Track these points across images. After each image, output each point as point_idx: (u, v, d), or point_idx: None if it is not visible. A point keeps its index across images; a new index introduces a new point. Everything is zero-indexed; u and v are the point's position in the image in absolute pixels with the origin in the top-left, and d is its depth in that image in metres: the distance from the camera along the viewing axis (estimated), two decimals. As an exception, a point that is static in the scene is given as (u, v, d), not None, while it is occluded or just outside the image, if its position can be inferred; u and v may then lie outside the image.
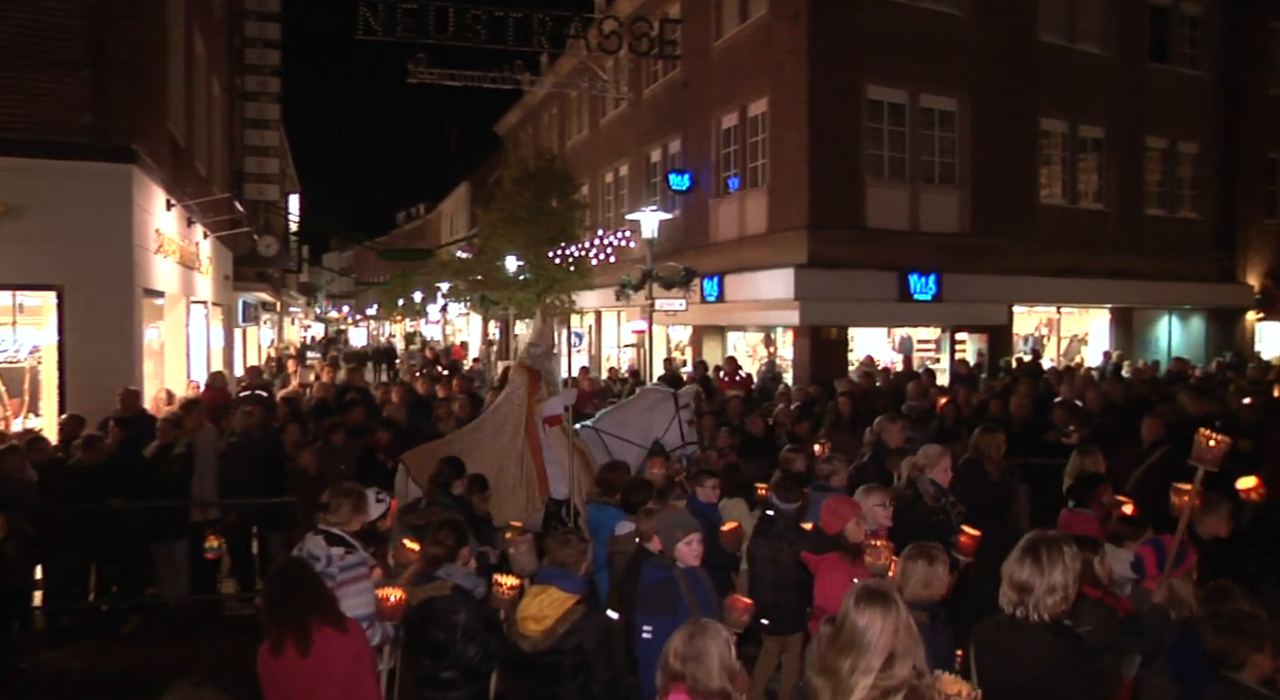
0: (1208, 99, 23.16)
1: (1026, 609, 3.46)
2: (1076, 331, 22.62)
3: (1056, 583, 3.44)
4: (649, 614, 4.63)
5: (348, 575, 4.79)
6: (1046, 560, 3.48)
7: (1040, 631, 3.42)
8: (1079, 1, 20.98)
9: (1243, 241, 23.81)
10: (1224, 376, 15.63)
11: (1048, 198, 20.63)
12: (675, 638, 3.22)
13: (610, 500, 6.55)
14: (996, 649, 3.54)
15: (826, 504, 5.44)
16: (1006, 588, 3.55)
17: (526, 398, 8.05)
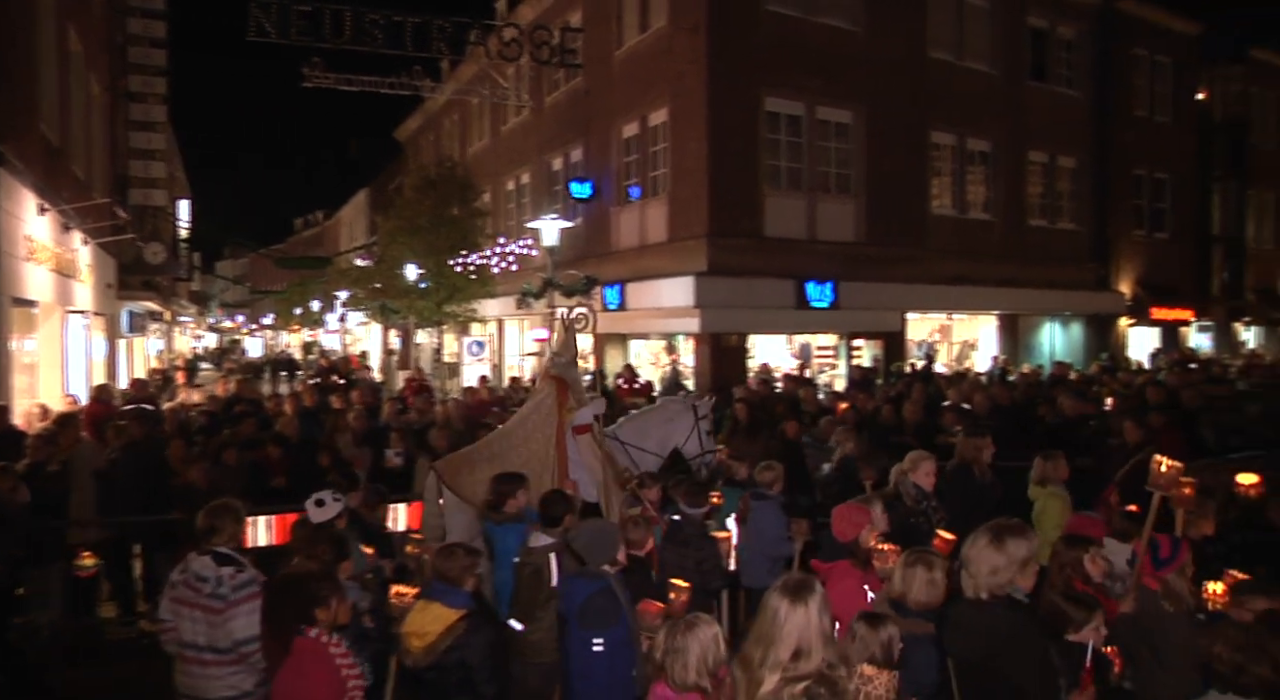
0: (1083, 117, 24.35)
1: (976, 586, 3.78)
2: (967, 337, 23.43)
3: (999, 564, 3.76)
4: (596, 627, 4.56)
5: (240, 595, 4.61)
6: (996, 544, 3.81)
7: (992, 607, 3.72)
8: (966, 22, 21.81)
9: (1115, 252, 25.12)
10: (1101, 379, 16.45)
11: (939, 208, 21.35)
12: (662, 633, 3.41)
13: (505, 517, 6.23)
14: (959, 627, 3.82)
15: (839, 511, 5.37)
16: (964, 569, 3.86)
17: (556, 408, 7.81)
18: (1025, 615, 3.81)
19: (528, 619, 5.51)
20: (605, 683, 4.52)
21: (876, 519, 5.40)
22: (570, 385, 8.02)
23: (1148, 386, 12.16)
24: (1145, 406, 11.31)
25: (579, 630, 4.61)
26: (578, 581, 4.82)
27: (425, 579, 5.11)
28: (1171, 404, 11.52)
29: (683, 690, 3.27)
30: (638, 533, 5.41)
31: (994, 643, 3.66)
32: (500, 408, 12.87)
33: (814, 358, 20.04)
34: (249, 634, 4.49)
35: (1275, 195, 31.09)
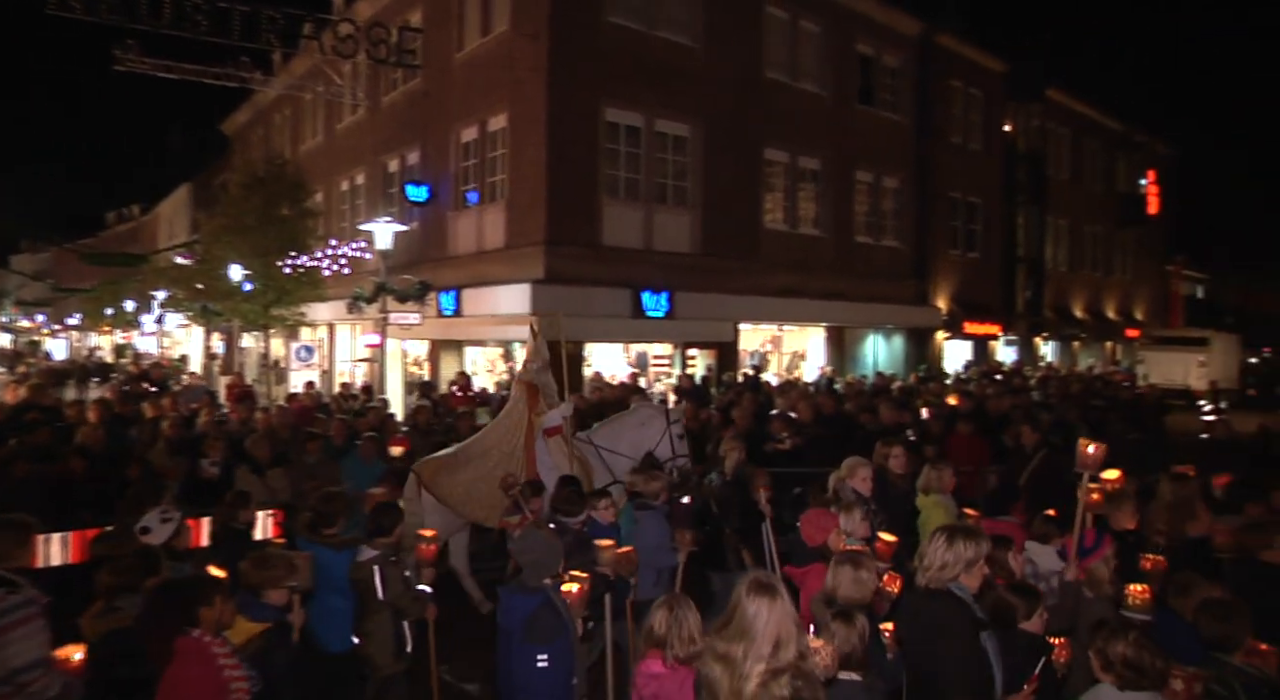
0: (906, 141, 25.79)
1: (925, 579, 4.21)
2: (797, 348, 24.33)
3: (948, 560, 4.16)
4: (541, 642, 4.57)
5: (11, 619, 4.22)
6: (946, 543, 4.21)
7: (937, 597, 4.14)
8: (800, 44, 22.72)
9: (933, 269, 26.71)
10: (919, 389, 17.44)
11: (771, 222, 22.09)
12: (658, 611, 3.87)
13: (319, 537, 5.86)
14: (908, 613, 4.34)
15: (807, 517, 5.63)
16: (917, 563, 4.31)
17: (527, 412, 8.37)
18: (960, 608, 4.13)
19: (359, 633, 5.45)
20: (548, 693, 4.60)
21: (855, 525, 5.71)
22: (541, 390, 8.55)
23: (957, 395, 12.94)
24: (955, 414, 12.08)
25: (523, 645, 4.59)
26: (515, 597, 4.80)
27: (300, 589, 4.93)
28: (979, 412, 12.33)
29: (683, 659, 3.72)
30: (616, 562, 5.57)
31: (930, 630, 4.08)
32: (326, 415, 12.42)
33: (650, 366, 20.33)
34: (26, 660, 4.12)
35: (1068, 222, 33.90)
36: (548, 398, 8.59)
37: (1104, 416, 14.50)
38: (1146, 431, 15.02)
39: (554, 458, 8.20)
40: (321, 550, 5.74)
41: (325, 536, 5.80)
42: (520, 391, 8.61)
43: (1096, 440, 5.94)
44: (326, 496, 6.10)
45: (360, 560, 5.59)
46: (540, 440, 8.28)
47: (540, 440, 8.28)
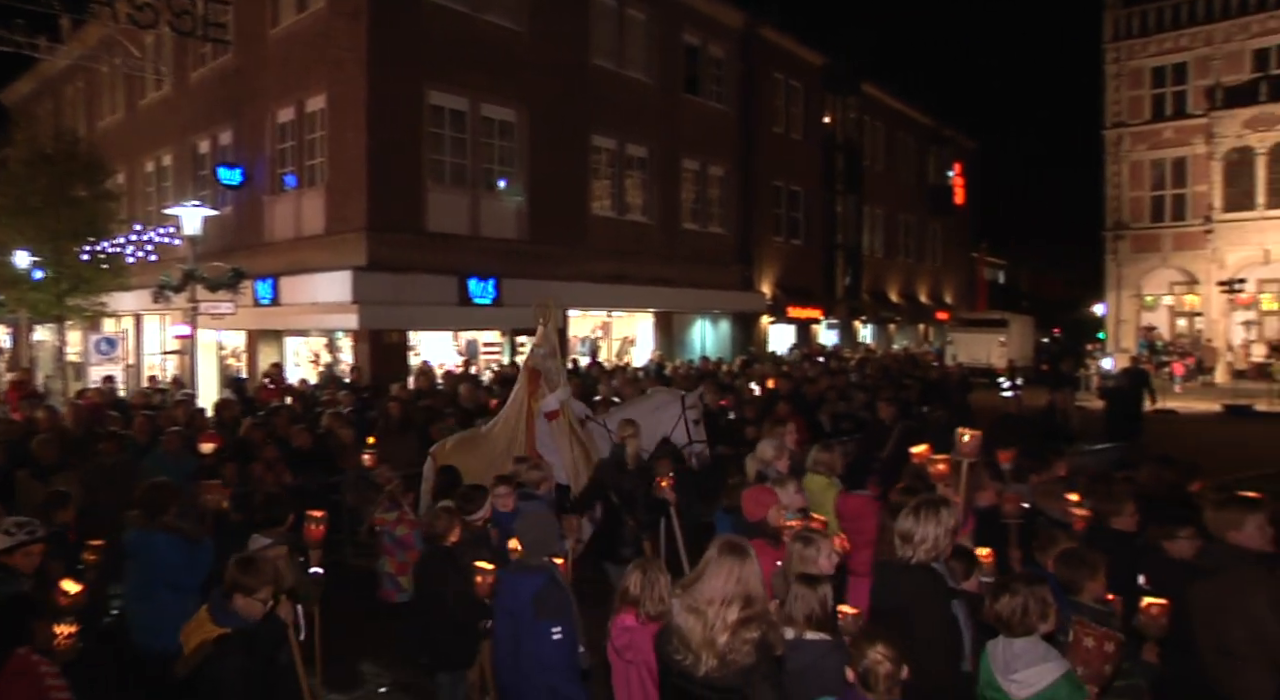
0: (731, 130, 26.47)
1: (909, 553, 4.36)
2: (627, 334, 24.61)
3: (928, 534, 4.35)
4: (554, 616, 4.71)
5: None
6: (925, 517, 4.40)
7: (915, 570, 4.35)
8: (627, 33, 22.90)
9: (758, 255, 27.56)
10: (744, 371, 18.00)
11: (599, 209, 22.22)
12: (632, 573, 4.33)
13: (155, 525, 5.73)
14: (885, 582, 4.53)
15: (748, 494, 5.75)
16: (895, 537, 4.46)
17: (526, 397, 8.63)
18: (936, 579, 4.38)
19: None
20: (565, 665, 4.75)
21: (791, 498, 5.79)
22: (545, 375, 8.78)
23: (774, 377, 13.43)
24: (775, 396, 12.55)
25: (536, 622, 4.70)
26: (521, 576, 4.91)
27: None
28: (796, 393, 12.83)
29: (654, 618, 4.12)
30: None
31: (912, 599, 4.28)
32: (122, 412, 11.64)
33: (481, 354, 20.10)
34: None
35: (884, 211, 35.73)
36: (550, 383, 8.77)
37: (912, 395, 15.38)
38: (952, 407, 16.08)
39: (555, 440, 8.50)
40: (163, 539, 5.62)
41: (169, 525, 5.70)
42: (523, 376, 8.91)
43: (903, 417, 6.30)
44: (152, 486, 5.97)
45: (253, 548, 5.46)
46: (541, 423, 8.59)
47: (541, 423, 8.59)
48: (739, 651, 3.62)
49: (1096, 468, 8.16)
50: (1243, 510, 4.67)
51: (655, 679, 4.14)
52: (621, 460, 7.95)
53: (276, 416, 11.11)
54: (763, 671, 3.66)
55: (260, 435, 10.01)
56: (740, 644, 3.61)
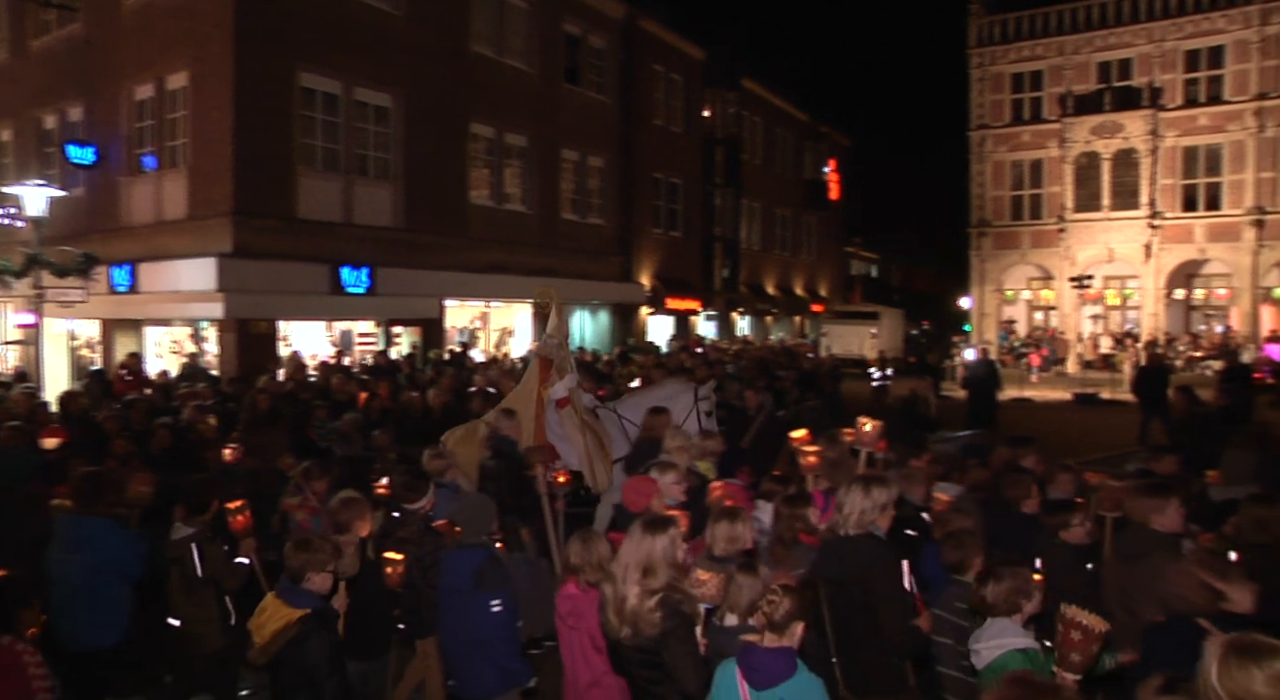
0: (611, 121, 26.51)
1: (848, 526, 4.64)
2: (505, 325, 24.39)
3: (867, 506, 4.65)
4: (493, 589, 4.95)
5: None
6: (863, 491, 4.67)
7: (857, 540, 4.62)
8: (507, 20, 22.64)
9: (637, 247, 27.75)
10: (623, 363, 18.11)
11: (477, 198, 21.94)
12: (573, 544, 4.64)
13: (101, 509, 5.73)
14: (832, 554, 4.72)
15: (629, 485, 5.96)
16: (836, 511, 4.75)
17: (537, 384, 8.77)
18: (885, 547, 4.68)
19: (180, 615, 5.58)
20: (505, 637, 5.00)
21: (667, 487, 5.88)
22: (556, 363, 8.96)
23: (651, 370, 13.56)
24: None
25: (475, 595, 4.92)
26: (460, 553, 5.13)
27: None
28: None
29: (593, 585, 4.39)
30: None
31: (862, 566, 4.53)
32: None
33: (356, 345, 19.60)
34: None
35: (761, 204, 36.44)
36: (560, 371, 8.95)
37: (786, 385, 15.80)
38: (824, 396, 16.62)
39: (565, 428, 8.61)
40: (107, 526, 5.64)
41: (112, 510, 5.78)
42: (534, 363, 9.07)
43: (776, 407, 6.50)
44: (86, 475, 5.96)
45: (175, 539, 5.60)
46: (551, 411, 8.70)
47: (551, 411, 8.70)
48: (646, 616, 3.93)
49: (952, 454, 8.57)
50: (1164, 496, 4.98)
51: (596, 645, 4.47)
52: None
53: (133, 409, 10.58)
54: (676, 635, 3.95)
55: (115, 427, 9.52)
56: (647, 610, 3.93)
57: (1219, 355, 27.93)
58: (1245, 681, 2.41)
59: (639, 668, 4.16)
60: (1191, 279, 33.85)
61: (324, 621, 4.43)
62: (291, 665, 4.29)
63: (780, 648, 3.61)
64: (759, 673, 3.56)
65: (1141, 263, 32.56)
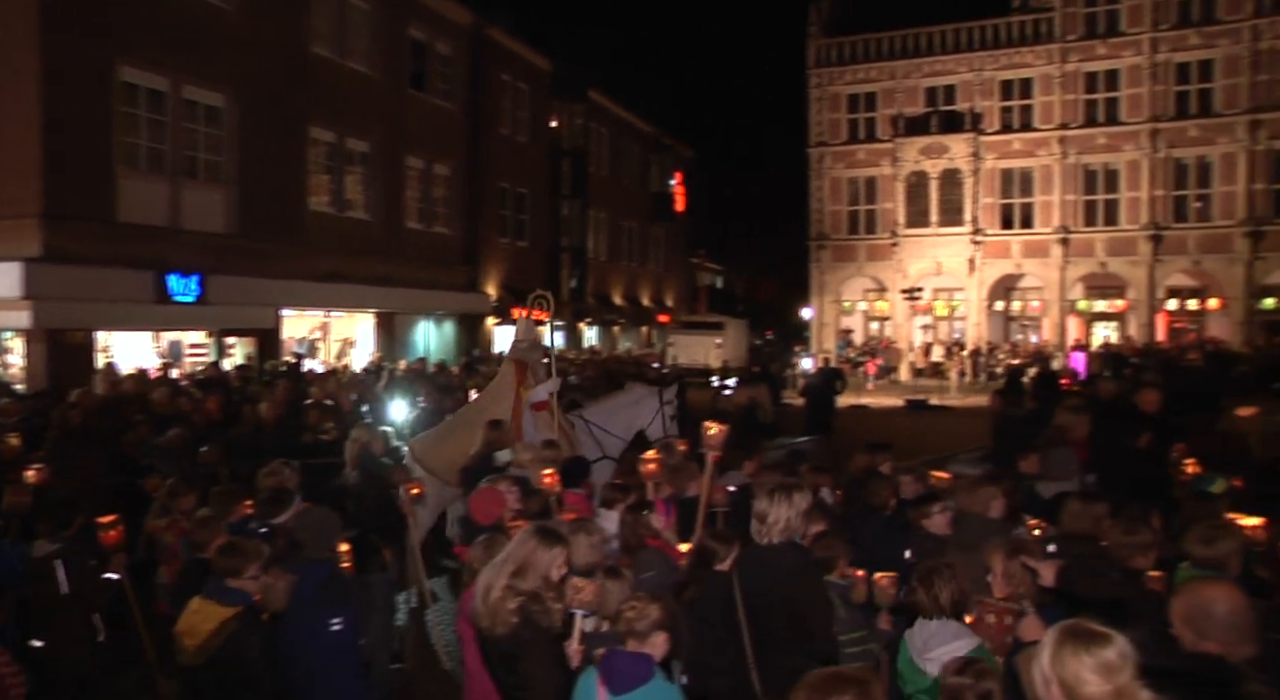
0: (457, 129, 26.18)
1: (764, 534, 4.61)
2: (346, 335, 23.66)
3: (780, 515, 4.60)
4: (335, 606, 4.73)
5: None
6: (777, 500, 4.62)
7: (781, 548, 4.59)
8: (349, 22, 22.02)
9: (483, 256, 27.49)
10: (468, 374, 17.86)
11: (317, 204, 21.22)
12: (476, 548, 4.65)
13: None
14: (752, 563, 4.66)
15: (476, 497, 5.76)
16: (754, 520, 4.69)
17: (515, 386, 8.80)
18: (806, 555, 4.76)
19: (43, 635, 5.39)
20: (345, 657, 4.80)
21: (512, 499, 5.80)
22: (530, 367, 9.04)
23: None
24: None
25: (316, 610, 4.69)
26: (304, 569, 4.85)
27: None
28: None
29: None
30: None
31: (786, 574, 4.53)
32: None
33: (185, 356, 18.55)
34: None
35: (608, 215, 36.73)
36: (535, 375, 9.01)
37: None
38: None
39: (541, 432, 8.53)
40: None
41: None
42: (509, 367, 9.11)
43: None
44: None
45: (37, 555, 5.45)
46: (528, 414, 8.70)
47: (528, 414, 8.70)
48: (504, 613, 3.95)
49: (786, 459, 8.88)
50: (994, 490, 5.46)
51: None
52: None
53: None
54: (532, 645, 3.98)
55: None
56: (506, 609, 3.95)
57: (1034, 363, 29.99)
58: (1075, 667, 2.51)
59: (501, 670, 4.18)
60: (1010, 292, 36.34)
61: (258, 618, 4.51)
62: (229, 662, 4.29)
63: (639, 654, 3.67)
64: (616, 678, 3.61)
65: (966, 276, 34.70)
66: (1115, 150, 33.07)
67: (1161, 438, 7.69)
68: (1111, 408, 9.33)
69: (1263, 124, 31.02)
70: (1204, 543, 4.06)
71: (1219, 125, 31.76)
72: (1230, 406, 10.04)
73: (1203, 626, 3.01)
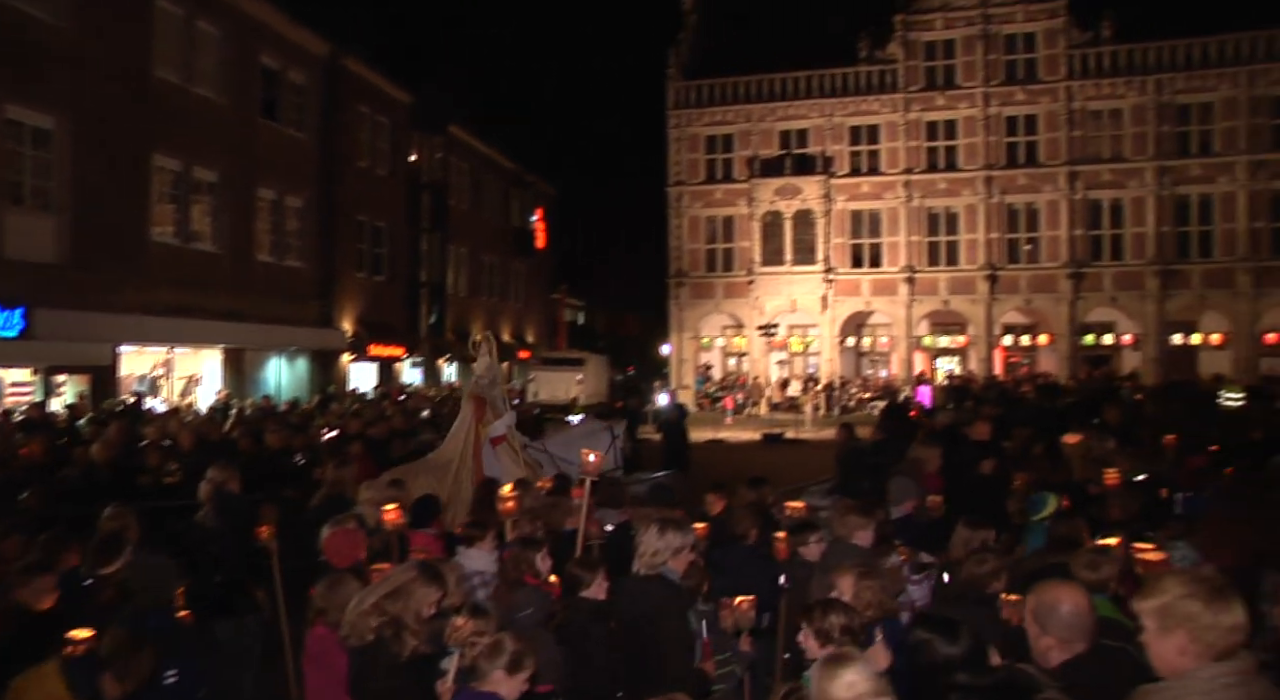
0: (311, 160, 25.50)
1: (640, 565, 4.94)
2: (192, 372, 22.49)
3: (659, 548, 4.93)
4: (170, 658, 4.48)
5: None
6: (658, 533, 4.95)
7: (648, 580, 4.91)
8: (196, 47, 21.18)
9: (339, 291, 26.73)
10: (319, 411, 17.26)
11: (160, 235, 20.20)
12: (320, 587, 4.70)
13: None
14: (626, 593, 4.94)
15: (331, 539, 5.70)
16: (638, 553, 4.99)
17: (474, 423, 9.12)
18: (673, 589, 4.91)
19: None
20: None
21: (360, 540, 5.83)
22: (489, 403, 9.40)
23: (349, 419, 13.07)
24: (345, 437, 12.16)
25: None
26: (133, 619, 4.65)
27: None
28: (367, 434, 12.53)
29: (337, 626, 4.33)
30: None
31: (651, 606, 4.78)
32: None
33: (6, 396, 17.21)
34: None
35: (469, 250, 36.41)
36: (494, 410, 9.36)
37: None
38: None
39: (502, 463, 8.97)
40: None
41: None
42: (468, 404, 9.36)
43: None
44: None
45: None
46: (487, 448, 9.07)
47: (487, 448, 9.07)
48: (363, 626, 4.10)
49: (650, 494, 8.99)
50: (864, 517, 5.74)
51: (340, 684, 4.41)
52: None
53: None
54: (381, 660, 4.07)
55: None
56: (367, 625, 4.09)
57: (883, 396, 31.29)
58: (829, 687, 2.94)
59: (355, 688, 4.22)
60: (860, 328, 37.89)
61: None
62: None
63: (483, 693, 3.65)
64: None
65: (819, 313, 36.01)
66: (954, 195, 35.16)
67: (1001, 464, 8.15)
68: (951, 438, 9.84)
69: (1080, 175, 33.68)
70: (1089, 568, 4.44)
71: (1043, 175, 34.27)
72: (1058, 434, 10.71)
73: (1046, 622, 3.36)
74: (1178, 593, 2.67)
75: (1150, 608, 2.73)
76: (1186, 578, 2.78)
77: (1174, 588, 2.70)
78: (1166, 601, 2.68)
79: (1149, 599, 2.75)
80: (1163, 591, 2.72)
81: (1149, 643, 2.73)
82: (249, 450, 10.49)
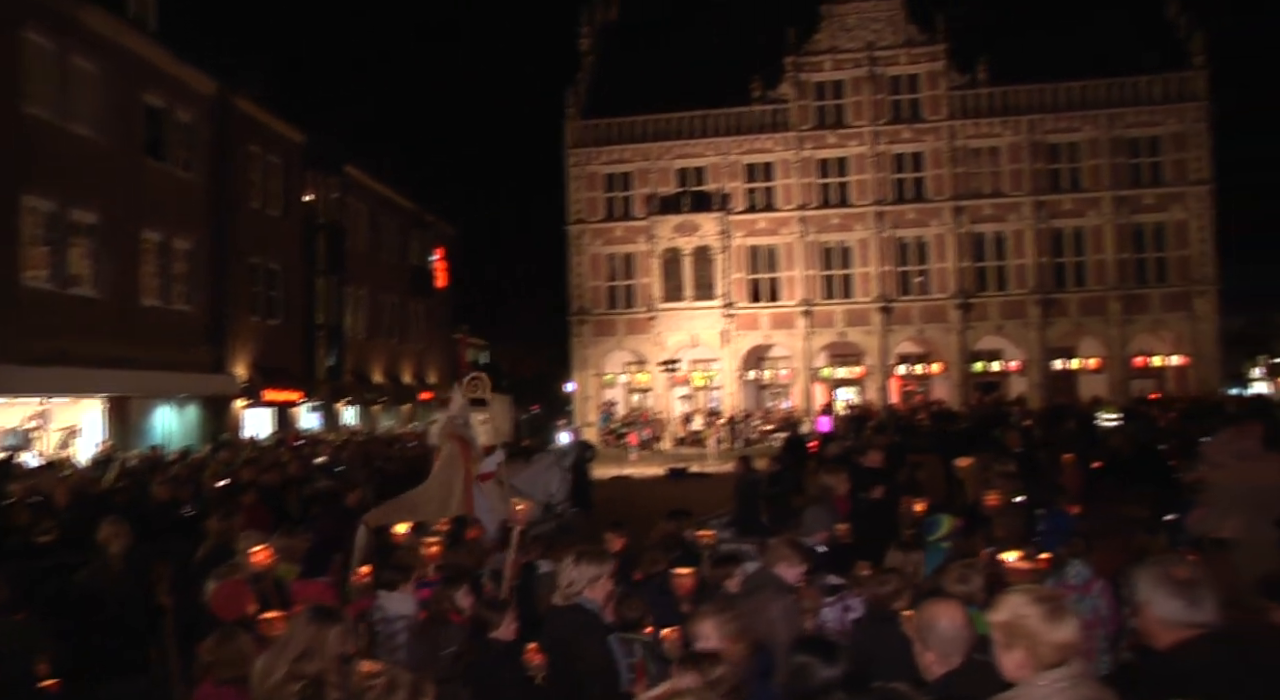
0: (201, 201, 24.79)
1: (559, 596, 5.14)
2: (71, 423, 21.40)
3: (575, 578, 5.12)
4: None
5: None
6: (574, 563, 5.15)
7: (566, 610, 5.10)
8: (72, 84, 20.37)
9: (231, 335, 25.90)
10: (210, 460, 16.61)
11: (33, 279, 19.24)
12: (210, 641, 4.47)
13: None
14: (550, 622, 5.18)
15: (218, 591, 5.58)
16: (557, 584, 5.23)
17: (464, 462, 9.08)
18: (589, 617, 5.05)
19: None
20: None
21: (246, 592, 5.66)
22: (469, 443, 9.45)
23: (241, 468, 12.64)
24: (239, 486, 11.75)
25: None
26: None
27: None
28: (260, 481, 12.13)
29: (228, 682, 4.27)
30: None
31: (570, 635, 4.93)
32: None
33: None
34: None
35: (367, 291, 35.72)
36: (474, 449, 9.50)
37: (391, 473, 15.44)
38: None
39: (490, 500, 9.21)
40: None
41: None
42: (452, 445, 9.33)
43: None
44: None
45: None
46: (476, 486, 9.17)
47: (476, 486, 9.17)
48: (283, 694, 3.89)
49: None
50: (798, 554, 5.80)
51: None
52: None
53: None
54: None
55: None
56: (288, 692, 3.88)
57: (784, 428, 31.79)
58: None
59: None
60: (761, 361, 38.52)
61: None
62: None
63: None
64: None
65: (720, 347, 36.51)
66: (847, 230, 36.27)
67: (891, 489, 8.39)
68: (845, 466, 10.11)
69: (964, 210, 35.20)
70: (960, 581, 4.76)
71: (930, 210, 35.70)
72: (951, 458, 11.08)
73: (926, 637, 3.59)
74: (1019, 612, 2.96)
75: (996, 623, 3.02)
76: (1029, 596, 3.04)
77: (1015, 606, 2.99)
78: (1008, 619, 2.97)
79: (995, 615, 3.05)
80: (1006, 609, 3.01)
81: (998, 654, 3.03)
82: (132, 503, 10.03)
